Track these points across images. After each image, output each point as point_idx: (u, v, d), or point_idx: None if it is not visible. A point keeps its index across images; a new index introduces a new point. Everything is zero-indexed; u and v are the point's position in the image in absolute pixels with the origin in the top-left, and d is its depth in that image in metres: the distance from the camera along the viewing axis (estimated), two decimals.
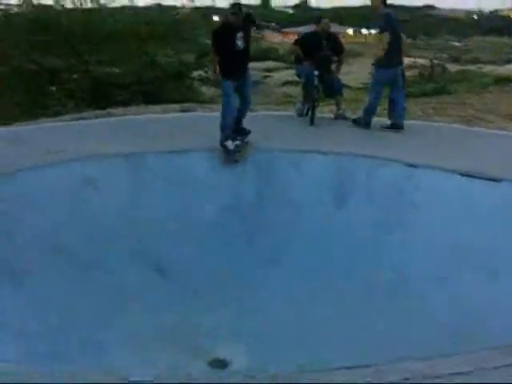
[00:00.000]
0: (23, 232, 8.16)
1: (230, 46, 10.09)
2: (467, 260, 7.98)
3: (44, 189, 8.80)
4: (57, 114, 17.03)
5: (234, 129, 10.44)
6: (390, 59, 11.46)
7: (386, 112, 12.46)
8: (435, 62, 39.10)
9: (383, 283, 8.27)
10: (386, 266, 8.46)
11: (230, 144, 10.14)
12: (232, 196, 9.60)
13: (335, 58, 12.68)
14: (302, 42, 12.91)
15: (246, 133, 10.57)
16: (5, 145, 10.40)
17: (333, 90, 12.87)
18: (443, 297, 7.67)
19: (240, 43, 10.17)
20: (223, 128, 10.28)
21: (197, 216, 9.33)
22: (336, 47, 12.74)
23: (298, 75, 13.27)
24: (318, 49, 12.37)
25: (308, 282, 8.36)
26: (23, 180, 8.80)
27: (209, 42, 11.44)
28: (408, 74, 34.88)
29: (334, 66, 12.70)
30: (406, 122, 12.00)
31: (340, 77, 13.24)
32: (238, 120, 10.60)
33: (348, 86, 31.39)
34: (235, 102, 10.40)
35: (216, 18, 41.07)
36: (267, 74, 46.26)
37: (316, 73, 12.26)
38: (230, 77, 10.22)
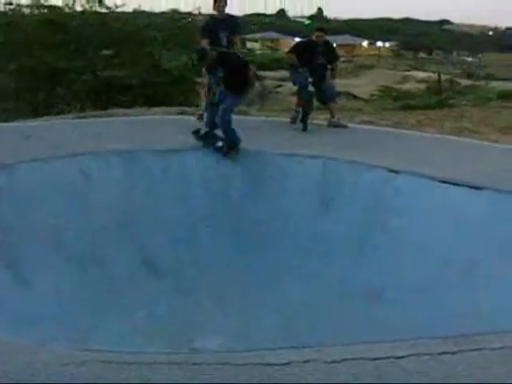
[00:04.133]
0: (18, 222, 8.53)
1: None
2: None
3: (41, 181, 9.19)
4: (61, 112, 17.45)
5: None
6: None
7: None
8: (448, 77, 39.50)
9: (361, 286, 8.53)
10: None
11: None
12: (220, 195, 9.92)
13: (329, 66, 13.04)
14: (298, 49, 13.27)
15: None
16: (10, 139, 10.90)
17: (327, 97, 13.19)
18: (421, 301, 7.88)
19: None
20: None
21: (186, 213, 9.70)
22: (331, 55, 13.10)
23: (293, 82, 13.58)
24: (314, 56, 12.71)
25: (286, 282, 8.67)
26: (22, 172, 9.23)
27: None
28: (417, 87, 35.34)
29: (328, 74, 13.02)
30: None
31: (337, 85, 13.60)
32: None
33: (355, 96, 31.89)
34: None
35: None
36: (279, 83, 46.59)
37: (310, 79, 12.61)
38: None
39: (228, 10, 12.26)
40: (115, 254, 8.83)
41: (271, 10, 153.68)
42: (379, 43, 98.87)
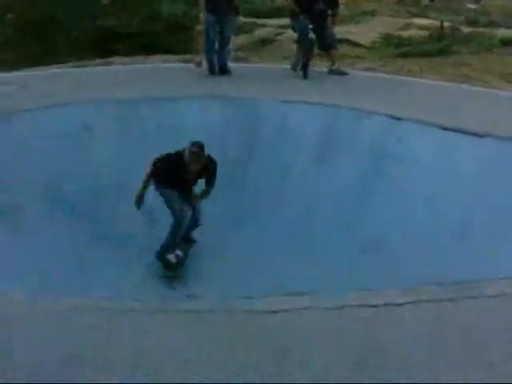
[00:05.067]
0: (14, 172, 8.49)
1: None
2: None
3: (39, 130, 9.14)
4: (59, 62, 17.25)
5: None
6: None
7: None
8: (450, 24, 38.98)
9: (362, 235, 8.48)
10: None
11: (172, 257, 7.95)
12: (218, 143, 9.80)
13: (330, 12, 12.83)
14: None
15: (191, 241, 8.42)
16: (8, 89, 10.80)
17: (327, 43, 13.01)
18: (421, 250, 7.83)
19: None
20: None
21: None
22: (331, 2, 12.90)
23: (293, 29, 13.43)
24: (314, 3, 12.52)
25: (287, 231, 8.61)
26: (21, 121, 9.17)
27: None
28: (419, 34, 35.00)
29: (329, 20, 12.83)
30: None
31: (338, 32, 13.44)
32: None
33: (356, 44, 31.43)
34: None
35: None
36: (280, 30, 46.02)
37: (310, 26, 12.44)
38: None
39: None
40: (112, 204, 8.77)
41: None
42: None
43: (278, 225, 8.72)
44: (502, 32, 34.94)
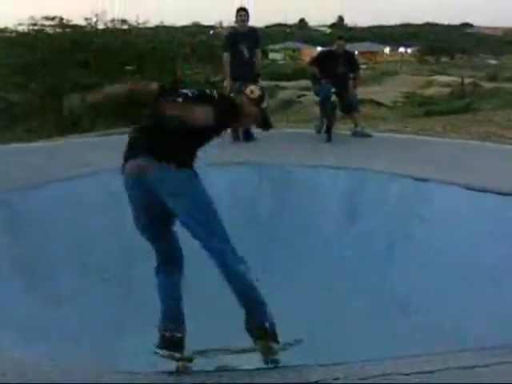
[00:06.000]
0: (45, 241, 8.55)
1: None
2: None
3: (68, 200, 9.23)
4: (86, 130, 17.56)
5: None
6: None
7: None
8: (469, 80, 39.23)
9: (388, 297, 8.41)
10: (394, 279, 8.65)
11: None
12: (245, 209, 9.86)
13: (351, 76, 13.03)
14: (319, 60, 13.28)
15: None
16: (36, 158, 11.03)
17: (350, 106, 13.17)
18: (450, 312, 7.75)
19: None
20: None
21: None
22: (352, 65, 13.12)
23: (316, 93, 13.60)
24: (335, 67, 12.72)
25: (315, 292, 8.57)
26: (49, 191, 9.29)
27: None
28: (440, 91, 35.06)
29: (350, 84, 13.01)
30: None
31: (360, 93, 13.60)
32: None
33: (378, 103, 31.68)
34: None
35: None
36: (302, 92, 46.57)
37: (333, 90, 12.61)
38: None
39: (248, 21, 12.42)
40: (142, 270, 8.77)
41: (292, 19, 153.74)
42: (401, 49, 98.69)
43: (304, 289, 8.68)
44: None
